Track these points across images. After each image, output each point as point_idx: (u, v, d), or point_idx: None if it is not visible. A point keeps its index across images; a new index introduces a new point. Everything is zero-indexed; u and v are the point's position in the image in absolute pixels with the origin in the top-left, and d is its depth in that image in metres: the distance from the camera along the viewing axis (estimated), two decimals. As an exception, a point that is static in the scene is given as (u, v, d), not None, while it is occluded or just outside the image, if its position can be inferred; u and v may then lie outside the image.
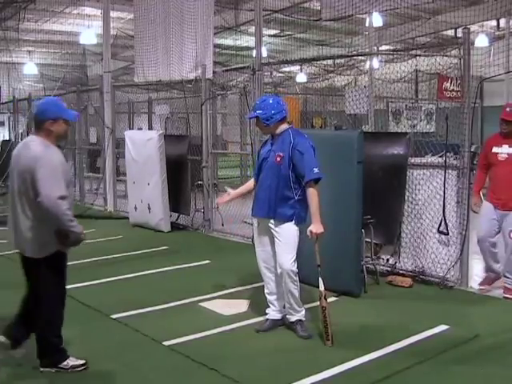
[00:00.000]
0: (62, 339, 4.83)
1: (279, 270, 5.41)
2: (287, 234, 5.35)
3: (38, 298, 4.85)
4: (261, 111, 5.42)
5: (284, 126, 5.47)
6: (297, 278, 5.40)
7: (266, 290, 5.71)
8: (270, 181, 5.40)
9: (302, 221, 5.41)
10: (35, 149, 4.53)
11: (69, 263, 8.34)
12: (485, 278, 7.00)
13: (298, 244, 5.39)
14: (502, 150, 6.71)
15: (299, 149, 5.31)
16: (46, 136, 4.60)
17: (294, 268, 5.36)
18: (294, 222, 5.36)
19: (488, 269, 6.92)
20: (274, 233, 5.40)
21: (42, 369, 4.76)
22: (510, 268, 6.61)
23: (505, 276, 6.67)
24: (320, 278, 5.33)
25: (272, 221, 5.40)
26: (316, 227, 5.24)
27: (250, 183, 5.88)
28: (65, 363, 4.76)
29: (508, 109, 6.75)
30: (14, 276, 8.05)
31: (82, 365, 4.79)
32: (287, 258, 5.34)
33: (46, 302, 4.80)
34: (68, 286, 7.05)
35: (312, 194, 5.26)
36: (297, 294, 5.46)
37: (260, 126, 5.61)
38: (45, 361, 4.78)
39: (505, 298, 6.60)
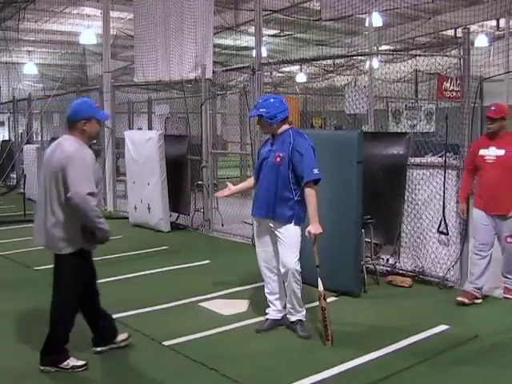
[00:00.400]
0: (68, 340, 4.84)
1: (283, 270, 5.41)
2: (289, 234, 5.36)
3: (53, 293, 4.92)
4: (264, 110, 5.40)
5: (285, 127, 5.46)
6: (300, 278, 5.41)
7: (266, 290, 5.71)
8: (269, 181, 5.40)
9: (301, 221, 5.41)
10: (68, 147, 4.67)
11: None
12: (467, 291, 6.48)
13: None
14: (490, 153, 6.40)
15: (299, 149, 5.30)
16: (79, 135, 4.75)
17: (298, 267, 5.37)
18: (293, 222, 5.35)
19: (473, 281, 6.49)
20: (278, 233, 5.40)
21: (42, 367, 4.77)
22: (509, 269, 6.53)
23: (505, 276, 6.58)
24: (319, 279, 5.33)
25: (271, 221, 5.40)
26: (314, 228, 5.23)
27: (251, 181, 5.90)
28: (65, 363, 4.76)
29: (493, 107, 6.45)
30: (13, 276, 8.04)
31: (83, 365, 4.79)
32: (291, 258, 5.34)
33: (60, 299, 4.88)
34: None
35: (310, 194, 5.25)
36: (299, 294, 5.46)
37: (262, 125, 5.58)
38: (45, 359, 4.79)
39: (505, 298, 6.55)
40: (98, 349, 5.08)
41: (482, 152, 6.45)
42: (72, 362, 4.79)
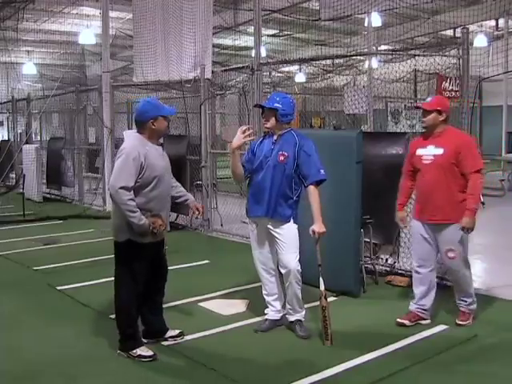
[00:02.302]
0: (135, 329, 5.06)
1: (284, 271, 5.41)
2: (289, 233, 5.37)
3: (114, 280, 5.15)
4: (280, 106, 5.37)
5: (287, 127, 5.48)
6: (301, 278, 5.42)
7: (264, 291, 5.70)
8: (271, 180, 5.35)
9: (297, 220, 5.43)
10: (126, 144, 4.99)
11: (67, 263, 8.41)
12: (410, 311, 5.88)
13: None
14: (427, 152, 5.62)
15: (306, 150, 5.33)
16: (149, 134, 5.00)
17: (299, 267, 5.38)
18: (292, 221, 5.38)
19: (418, 302, 5.88)
20: (275, 234, 5.40)
21: (118, 351, 5.05)
22: (460, 288, 5.81)
23: (459, 299, 5.82)
24: (320, 278, 5.34)
25: (270, 221, 5.40)
26: (318, 226, 5.25)
27: (241, 168, 5.54)
28: (134, 351, 4.98)
29: (429, 98, 5.92)
30: (12, 276, 8.04)
31: (150, 356, 4.96)
32: (292, 257, 5.35)
33: (116, 286, 5.09)
34: (67, 286, 7.13)
35: (314, 194, 5.28)
36: (300, 294, 5.47)
37: (269, 119, 5.43)
38: (119, 345, 5.07)
39: (457, 324, 5.72)
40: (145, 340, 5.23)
41: (419, 152, 5.71)
42: (140, 351, 4.98)
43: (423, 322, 5.82)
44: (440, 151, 5.53)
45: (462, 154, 5.45)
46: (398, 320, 5.77)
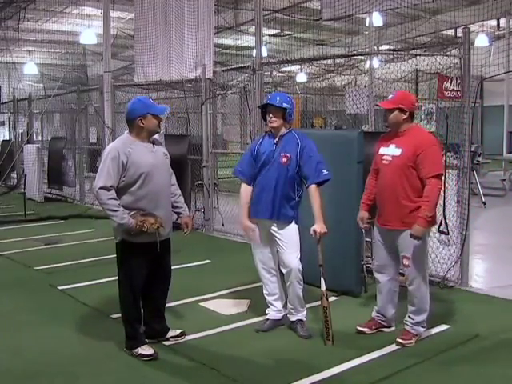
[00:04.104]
0: (136, 329, 5.09)
1: (286, 270, 5.42)
2: (291, 233, 5.38)
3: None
4: (289, 106, 5.35)
5: (288, 127, 5.47)
6: (302, 277, 5.42)
7: (264, 291, 5.70)
8: (275, 182, 5.33)
9: (299, 221, 5.44)
10: (111, 144, 5.10)
11: (69, 263, 8.42)
12: (372, 318, 5.63)
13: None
14: (387, 152, 5.25)
15: (308, 150, 5.32)
16: (137, 133, 4.99)
17: (301, 267, 5.38)
18: (294, 222, 5.39)
19: (379, 310, 5.59)
20: (277, 235, 5.40)
21: (124, 348, 5.11)
22: (412, 304, 5.33)
23: (408, 316, 5.36)
24: (322, 278, 5.33)
25: (274, 223, 5.39)
26: (320, 226, 5.25)
27: (247, 189, 5.54)
28: (136, 350, 5.01)
29: (391, 95, 5.46)
30: (13, 276, 8.04)
31: (151, 355, 4.97)
32: (293, 257, 5.36)
33: (119, 287, 5.14)
34: (68, 286, 7.14)
35: (316, 193, 5.28)
36: (301, 293, 5.47)
37: (275, 119, 5.34)
38: (125, 343, 5.12)
39: (397, 342, 5.23)
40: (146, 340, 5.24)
41: (381, 150, 5.34)
42: (142, 350, 5.00)
43: (385, 329, 5.56)
44: (398, 152, 5.16)
45: (420, 156, 5.02)
46: (358, 328, 5.52)
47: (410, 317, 5.32)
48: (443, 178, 5.47)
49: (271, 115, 5.38)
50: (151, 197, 4.94)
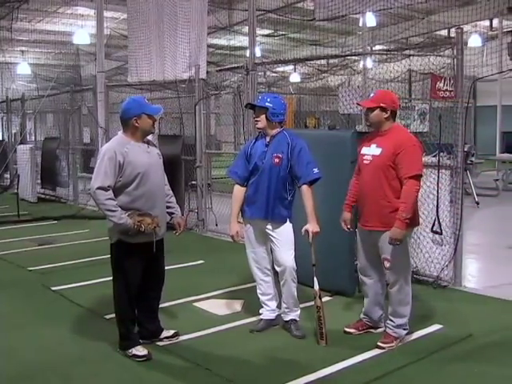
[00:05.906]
0: (130, 330, 5.08)
1: (280, 269, 5.43)
2: (286, 232, 5.39)
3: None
4: (271, 105, 5.36)
5: (279, 128, 5.47)
6: (296, 276, 5.43)
7: (258, 291, 5.70)
8: (268, 182, 5.35)
9: (292, 220, 5.45)
10: (106, 144, 5.08)
11: (62, 263, 8.40)
12: (360, 320, 5.59)
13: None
14: (368, 151, 5.18)
15: (298, 150, 5.33)
16: (131, 133, 4.98)
17: (295, 265, 5.39)
18: (288, 221, 5.41)
19: (365, 312, 5.54)
20: (272, 233, 5.41)
21: (118, 349, 5.09)
22: (393, 307, 5.24)
23: (389, 318, 5.29)
24: (315, 278, 5.34)
25: (269, 223, 5.40)
26: (312, 226, 5.27)
27: (240, 190, 5.54)
28: (129, 350, 5.00)
29: (372, 94, 5.37)
30: (7, 276, 8.02)
31: (144, 356, 4.96)
32: (288, 255, 5.38)
33: (113, 288, 5.13)
34: (62, 287, 7.12)
35: (309, 193, 5.29)
36: (295, 292, 5.48)
37: (260, 119, 5.40)
38: (119, 343, 5.11)
39: (377, 346, 5.15)
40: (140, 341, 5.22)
41: (363, 150, 5.28)
42: (136, 351, 4.99)
43: (374, 330, 5.51)
44: (378, 151, 5.09)
45: (399, 156, 4.95)
46: (346, 329, 5.50)
47: (390, 319, 5.24)
48: (437, 178, 5.26)
49: (255, 116, 5.50)
50: (148, 197, 4.94)
